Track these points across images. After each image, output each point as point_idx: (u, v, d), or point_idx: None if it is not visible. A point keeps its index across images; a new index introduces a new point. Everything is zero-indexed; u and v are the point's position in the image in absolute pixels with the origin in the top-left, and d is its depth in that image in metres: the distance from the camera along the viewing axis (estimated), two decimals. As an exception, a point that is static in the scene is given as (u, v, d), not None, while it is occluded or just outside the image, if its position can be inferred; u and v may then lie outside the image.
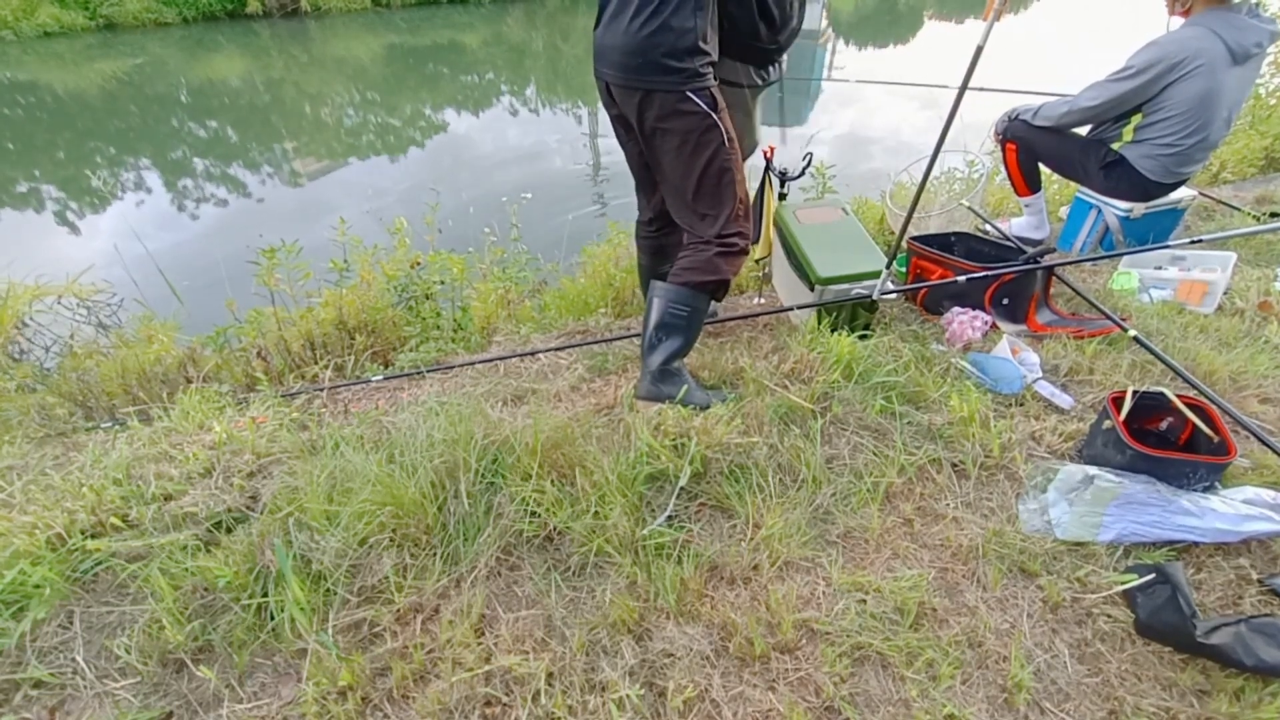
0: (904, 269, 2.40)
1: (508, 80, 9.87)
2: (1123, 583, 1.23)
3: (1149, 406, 1.52)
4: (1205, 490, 1.36)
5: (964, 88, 1.61)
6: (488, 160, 6.32)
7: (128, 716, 1.10)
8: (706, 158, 1.56)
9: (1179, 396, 1.46)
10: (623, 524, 1.33)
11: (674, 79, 1.45)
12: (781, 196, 2.24)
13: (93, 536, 1.37)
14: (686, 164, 1.58)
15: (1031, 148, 2.57)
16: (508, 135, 7.12)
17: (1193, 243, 2.20)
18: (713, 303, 1.90)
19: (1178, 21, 2.18)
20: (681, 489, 1.43)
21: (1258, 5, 2.13)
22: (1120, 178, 2.35)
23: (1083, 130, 2.49)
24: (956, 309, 2.12)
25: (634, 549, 1.32)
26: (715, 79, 1.51)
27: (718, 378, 1.88)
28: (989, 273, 2.06)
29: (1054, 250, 2.60)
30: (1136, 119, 2.28)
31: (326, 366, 2.35)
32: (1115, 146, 2.35)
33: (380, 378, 2.20)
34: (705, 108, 1.49)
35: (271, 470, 1.59)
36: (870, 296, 1.97)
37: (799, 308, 2.11)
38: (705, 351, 1.99)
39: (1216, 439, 1.39)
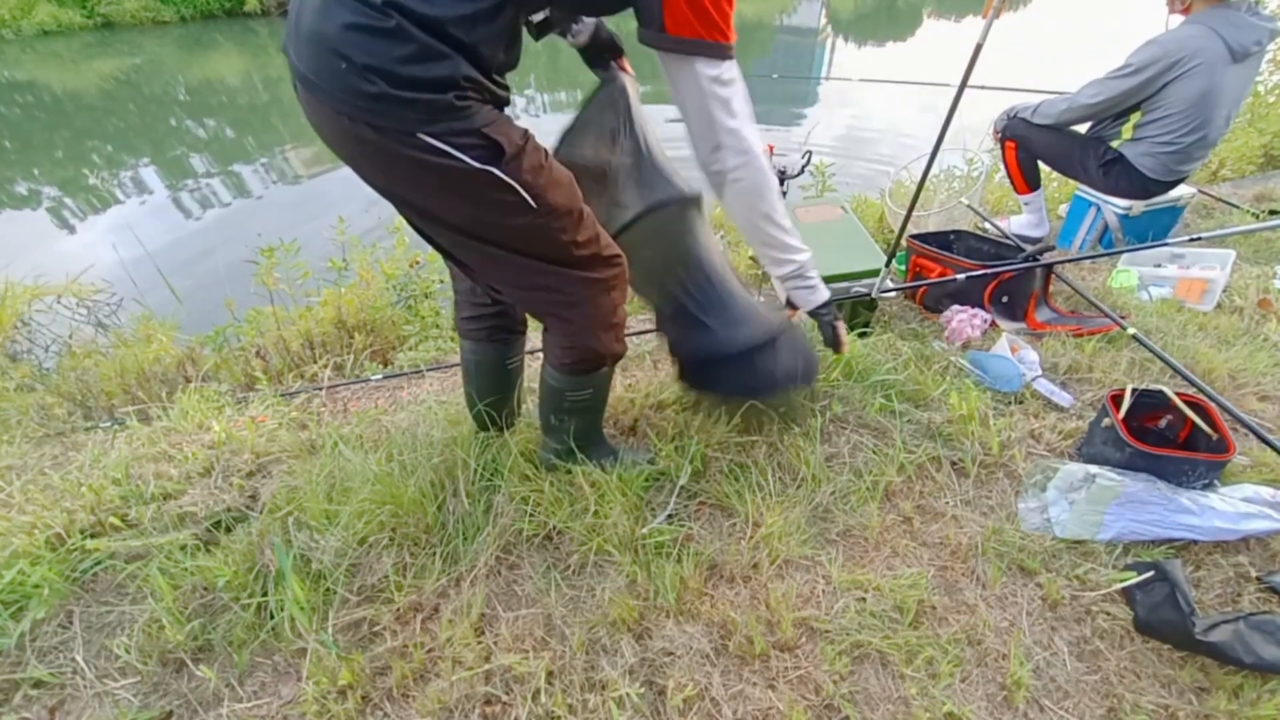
0: (903, 267, 2.40)
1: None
2: (1122, 580, 1.24)
3: (1148, 404, 1.52)
4: (1204, 488, 1.36)
5: (963, 86, 1.61)
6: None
7: (128, 716, 1.10)
8: (516, 245, 1.04)
9: (1178, 394, 1.47)
10: (622, 523, 1.33)
11: (405, 113, 0.86)
12: (781, 195, 2.24)
13: (92, 536, 1.37)
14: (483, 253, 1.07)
15: (1031, 146, 2.57)
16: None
17: (1192, 240, 2.20)
18: None
19: (1177, 19, 2.18)
20: (681, 488, 1.43)
21: (1257, 3, 2.13)
22: (1119, 175, 2.35)
23: (1082, 128, 2.49)
24: (956, 307, 2.12)
25: (634, 548, 1.32)
26: (501, 104, 0.96)
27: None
28: (988, 271, 2.06)
29: (1053, 248, 2.60)
30: (1136, 117, 2.28)
31: (326, 366, 2.35)
32: (1114, 144, 2.35)
33: (379, 377, 2.20)
34: (471, 161, 0.90)
35: (271, 470, 1.59)
36: (869, 294, 1.97)
37: (798, 306, 2.11)
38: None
39: (1215, 437, 1.40)
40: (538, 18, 1.08)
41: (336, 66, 0.84)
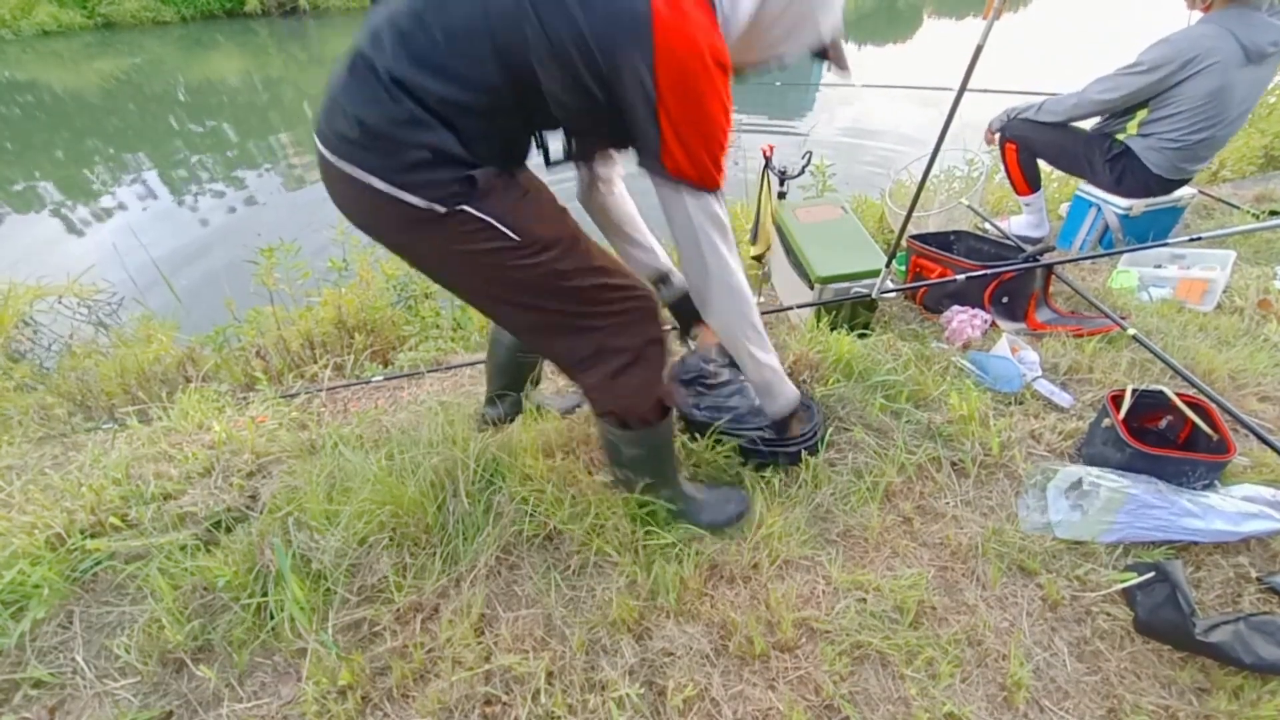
0: (903, 267, 2.40)
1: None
2: (1122, 581, 1.23)
3: (1148, 405, 1.52)
4: (1204, 488, 1.36)
5: (964, 87, 1.61)
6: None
7: (127, 716, 1.10)
8: (503, 285, 1.02)
9: (1178, 395, 1.46)
10: (623, 524, 1.33)
11: (382, 161, 0.91)
12: (781, 195, 2.24)
13: (92, 536, 1.37)
14: (479, 294, 1.09)
15: (1032, 145, 2.57)
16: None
17: (1192, 241, 2.20)
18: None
19: (1197, 16, 2.17)
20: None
21: (1277, 3, 2.10)
22: (1125, 171, 2.34)
23: (1085, 125, 2.48)
24: (956, 307, 2.12)
25: (634, 548, 1.32)
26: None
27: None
28: (988, 271, 2.06)
29: (1053, 248, 2.60)
30: (1142, 113, 2.28)
31: (326, 366, 2.35)
32: (1120, 138, 2.34)
33: (380, 378, 2.20)
34: (426, 204, 0.91)
35: (271, 470, 1.59)
36: (870, 295, 1.97)
37: (798, 306, 2.11)
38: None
39: (1215, 437, 1.39)
40: (555, 147, 1.04)
41: (336, 116, 0.91)
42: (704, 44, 0.88)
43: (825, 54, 1.06)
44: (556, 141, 1.04)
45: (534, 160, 1.06)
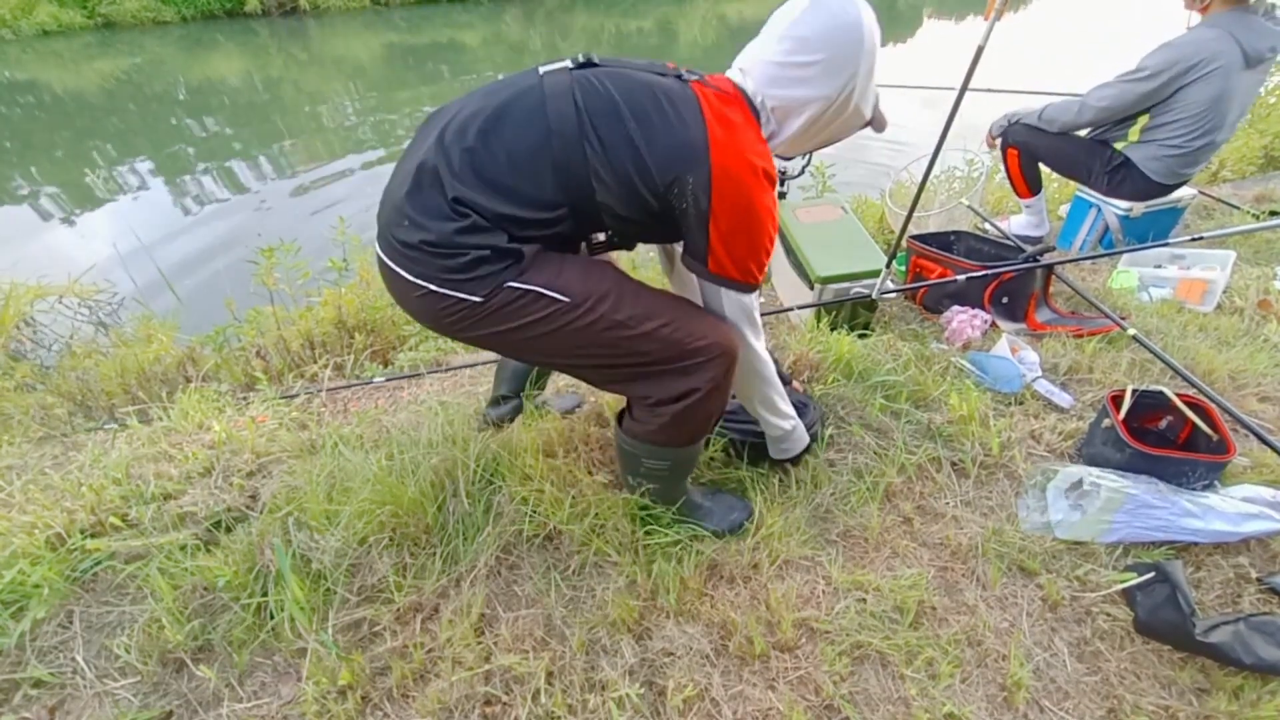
0: (903, 268, 2.41)
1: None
2: (1122, 581, 1.23)
3: (1148, 405, 1.52)
4: (1204, 489, 1.36)
5: (964, 87, 1.61)
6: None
7: (127, 716, 1.10)
8: (569, 346, 1.04)
9: (1178, 395, 1.46)
10: (623, 524, 1.33)
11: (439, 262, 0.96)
12: (781, 195, 2.24)
13: (92, 536, 1.37)
14: (557, 362, 1.17)
15: (1034, 151, 2.56)
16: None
17: (1192, 241, 2.20)
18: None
19: (1196, 17, 2.16)
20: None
21: (1274, 8, 2.11)
22: (1124, 179, 2.35)
23: (1083, 130, 2.48)
24: (956, 308, 2.12)
25: (634, 548, 1.32)
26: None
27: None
28: (988, 271, 2.06)
29: (1053, 249, 2.60)
30: (1143, 120, 2.28)
31: (326, 366, 2.35)
32: (1119, 146, 2.35)
33: (380, 378, 2.20)
34: (479, 297, 0.96)
35: (271, 470, 1.59)
36: (870, 295, 1.97)
37: (799, 307, 2.11)
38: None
39: (1215, 437, 1.39)
40: (599, 237, 1.07)
41: (399, 225, 0.97)
42: (756, 161, 0.96)
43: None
44: (600, 235, 1.08)
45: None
